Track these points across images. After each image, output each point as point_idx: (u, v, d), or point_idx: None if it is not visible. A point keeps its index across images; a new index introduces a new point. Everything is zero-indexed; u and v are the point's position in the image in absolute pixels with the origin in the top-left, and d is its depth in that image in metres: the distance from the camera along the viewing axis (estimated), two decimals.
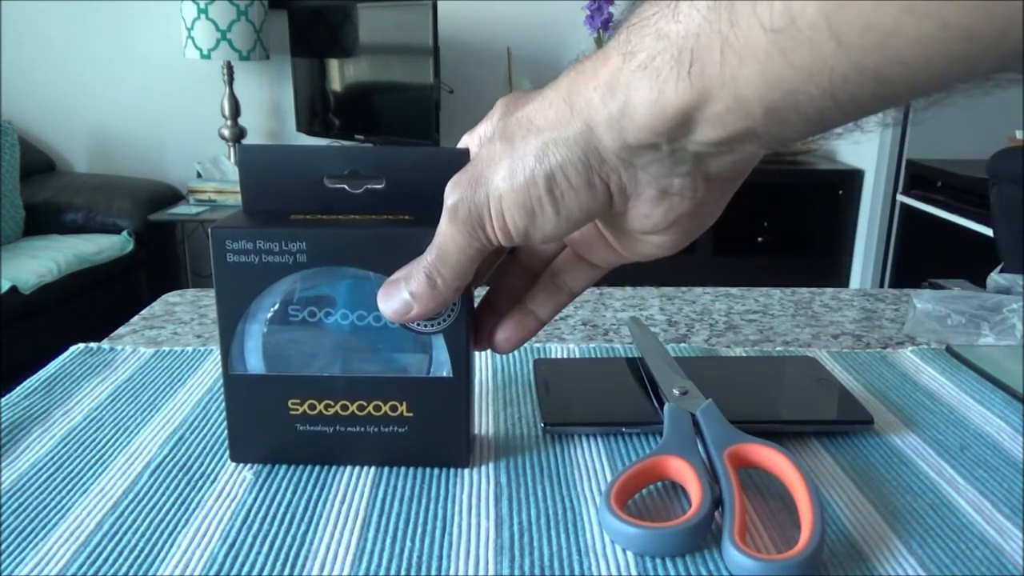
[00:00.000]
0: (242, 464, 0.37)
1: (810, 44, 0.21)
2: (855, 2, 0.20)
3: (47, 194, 2.45)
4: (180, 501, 0.34)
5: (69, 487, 0.35)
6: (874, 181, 2.41)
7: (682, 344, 0.54)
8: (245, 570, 0.30)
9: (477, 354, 0.49)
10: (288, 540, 0.32)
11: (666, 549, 0.31)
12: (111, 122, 2.78)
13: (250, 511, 0.33)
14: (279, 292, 0.34)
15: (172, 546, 0.31)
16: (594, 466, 0.37)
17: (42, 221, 2.38)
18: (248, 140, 2.68)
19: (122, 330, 0.57)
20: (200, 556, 0.31)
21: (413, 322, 0.34)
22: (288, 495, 0.35)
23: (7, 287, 1.95)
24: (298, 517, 0.33)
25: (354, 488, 0.35)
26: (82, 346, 0.51)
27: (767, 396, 0.45)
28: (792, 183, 2.56)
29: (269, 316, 0.35)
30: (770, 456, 0.35)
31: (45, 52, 2.70)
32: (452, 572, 0.30)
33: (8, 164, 2.31)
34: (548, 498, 0.35)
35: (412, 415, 0.36)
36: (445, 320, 0.35)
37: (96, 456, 0.38)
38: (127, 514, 0.33)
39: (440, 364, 0.35)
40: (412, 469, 0.37)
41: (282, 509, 0.34)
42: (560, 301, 0.36)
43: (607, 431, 0.40)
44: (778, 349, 0.54)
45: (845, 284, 2.55)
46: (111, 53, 2.71)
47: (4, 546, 0.31)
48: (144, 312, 0.61)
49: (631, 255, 0.33)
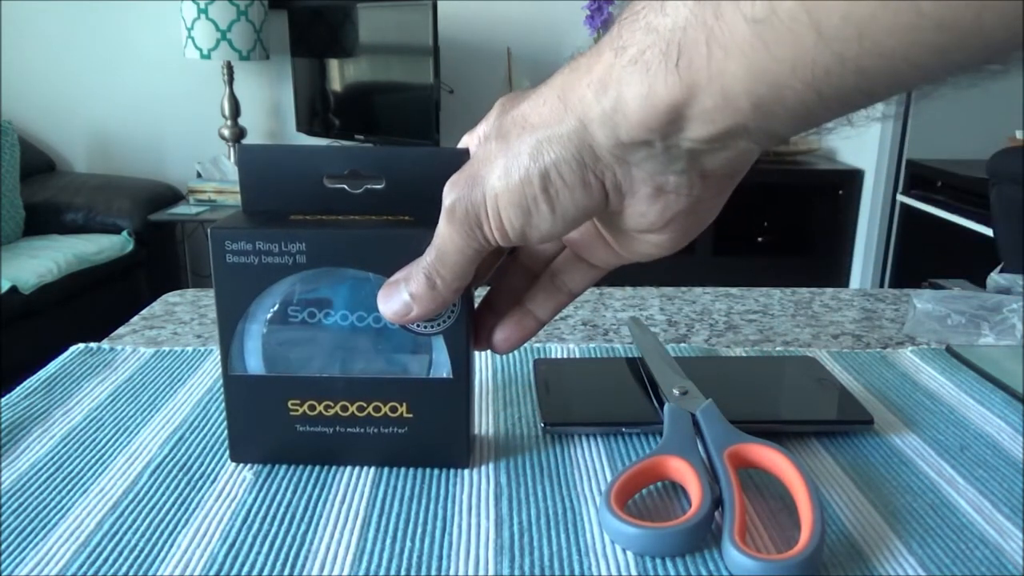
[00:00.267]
0: (242, 464, 0.37)
1: (791, 35, 0.21)
2: None
3: (47, 194, 2.45)
4: (180, 501, 0.34)
5: (69, 487, 0.35)
6: (874, 181, 2.41)
7: (682, 344, 0.54)
8: (245, 570, 0.30)
9: (477, 354, 0.49)
10: (288, 540, 0.32)
11: (666, 549, 0.31)
12: (111, 122, 2.78)
13: (250, 511, 0.33)
14: (279, 293, 0.34)
15: (172, 546, 0.31)
16: (594, 466, 0.37)
17: (42, 221, 2.38)
18: (248, 140, 2.68)
19: (122, 330, 0.57)
20: (200, 556, 0.31)
21: (413, 323, 0.34)
22: (288, 495, 0.35)
23: (7, 287, 1.95)
24: (298, 517, 0.33)
25: (354, 488, 0.35)
26: (82, 346, 0.51)
27: (767, 396, 0.45)
28: (792, 183, 2.56)
29: (269, 317, 0.35)
30: (770, 456, 0.35)
31: (45, 52, 2.70)
32: (452, 572, 0.30)
33: (8, 164, 2.31)
34: (548, 498, 0.35)
35: (412, 416, 0.36)
36: (445, 321, 0.35)
37: (96, 456, 0.38)
38: (127, 514, 0.33)
39: (440, 365, 0.35)
40: (412, 469, 0.37)
41: (282, 509, 0.34)
42: (559, 302, 0.36)
43: (607, 431, 0.40)
44: (778, 349, 0.54)
45: (845, 284, 2.55)
46: (111, 53, 2.72)
47: (4, 546, 0.31)
48: (144, 312, 0.61)
49: (630, 255, 0.32)
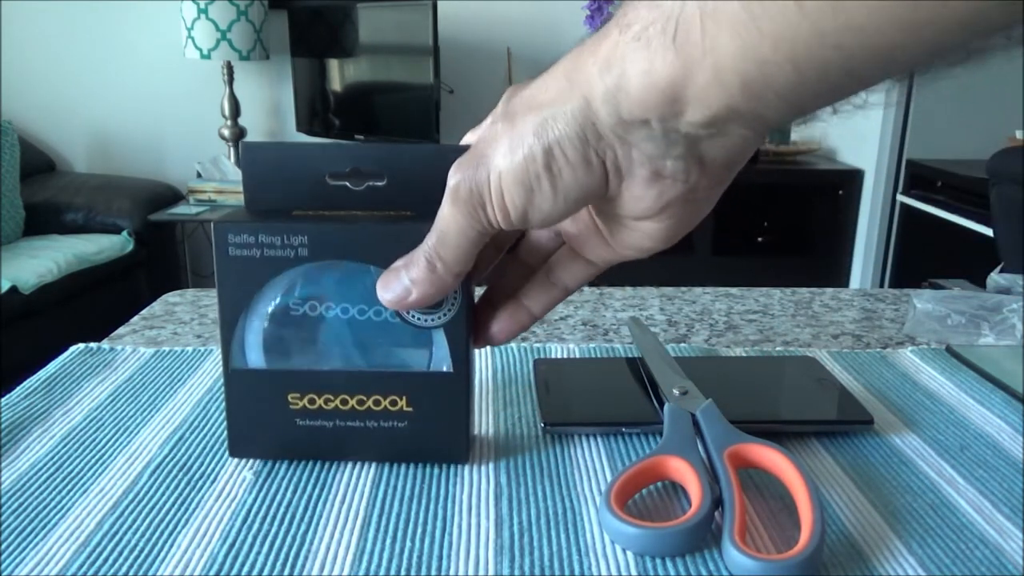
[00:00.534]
0: (242, 464, 0.37)
1: (777, 10, 0.22)
2: None
3: (47, 194, 2.46)
4: (180, 501, 0.34)
5: (69, 487, 0.35)
6: (874, 181, 2.41)
7: (682, 344, 0.54)
8: (245, 570, 0.30)
9: (477, 353, 0.49)
10: (288, 540, 0.32)
11: (666, 549, 0.31)
12: (111, 122, 2.78)
13: (250, 511, 0.33)
14: (280, 286, 0.35)
15: (172, 546, 0.31)
16: (594, 466, 0.37)
17: (42, 221, 2.38)
18: (248, 140, 2.68)
19: (122, 330, 0.57)
20: (200, 556, 0.31)
21: (411, 310, 0.34)
22: (288, 495, 0.35)
23: (7, 287, 1.95)
24: (298, 517, 0.33)
25: (354, 488, 0.35)
26: (82, 346, 0.51)
27: (767, 396, 0.45)
28: (792, 183, 2.56)
29: (270, 310, 0.35)
30: (770, 456, 0.35)
31: (45, 52, 2.70)
32: (452, 572, 0.30)
33: (8, 164, 2.31)
34: (548, 498, 0.35)
35: (412, 410, 0.36)
36: (446, 314, 0.35)
37: (96, 456, 0.38)
38: (127, 514, 0.33)
39: (440, 359, 0.35)
40: (412, 468, 0.37)
41: (282, 509, 0.34)
42: (554, 297, 0.36)
43: (607, 431, 0.40)
44: (778, 349, 0.54)
45: (845, 284, 2.56)
46: (111, 53, 2.72)
47: (4, 546, 0.31)
48: (144, 312, 0.61)
49: (625, 250, 0.33)
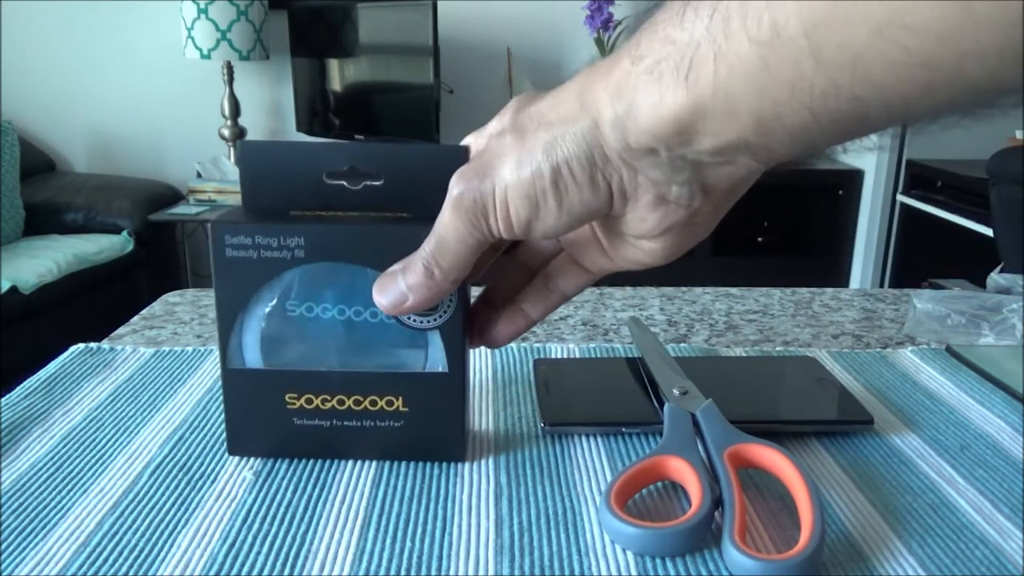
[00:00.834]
0: (242, 464, 0.37)
1: (792, 59, 0.22)
2: (831, 21, 0.21)
3: (47, 194, 2.45)
4: (180, 501, 0.34)
5: (69, 487, 0.35)
6: (874, 181, 2.41)
7: (682, 344, 0.54)
8: (245, 570, 0.30)
9: (476, 353, 0.49)
10: (288, 540, 0.32)
11: (666, 549, 0.31)
12: (111, 122, 2.78)
13: (250, 511, 0.33)
14: (277, 287, 0.35)
15: (172, 546, 0.31)
16: (594, 466, 0.37)
17: (42, 221, 2.38)
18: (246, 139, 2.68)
19: (122, 330, 0.57)
20: (200, 556, 0.31)
21: (408, 315, 0.34)
22: (288, 495, 0.35)
23: (7, 287, 1.95)
24: (298, 517, 0.33)
25: (354, 488, 0.35)
26: (82, 346, 0.51)
27: (767, 396, 0.45)
28: (792, 183, 2.56)
29: (267, 311, 0.35)
30: (770, 456, 0.35)
31: (45, 52, 2.70)
32: (452, 572, 0.30)
33: (8, 164, 2.31)
34: (548, 498, 0.35)
35: (408, 410, 0.36)
36: (441, 316, 0.35)
37: (96, 456, 0.38)
38: (127, 514, 0.33)
39: (436, 360, 0.35)
40: (412, 468, 0.37)
41: (282, 509, 0.34)
42: (551, 303, 0.37)
43: (607, 431, 0.40)
44: (778, 349, 0.54)
45: (845, 284, 2.55)
46: (111, 53, 2.72)
47: (4, 546, 0.31)
48: (144, 312, 0.61)
49: (622, 262, 0.33)
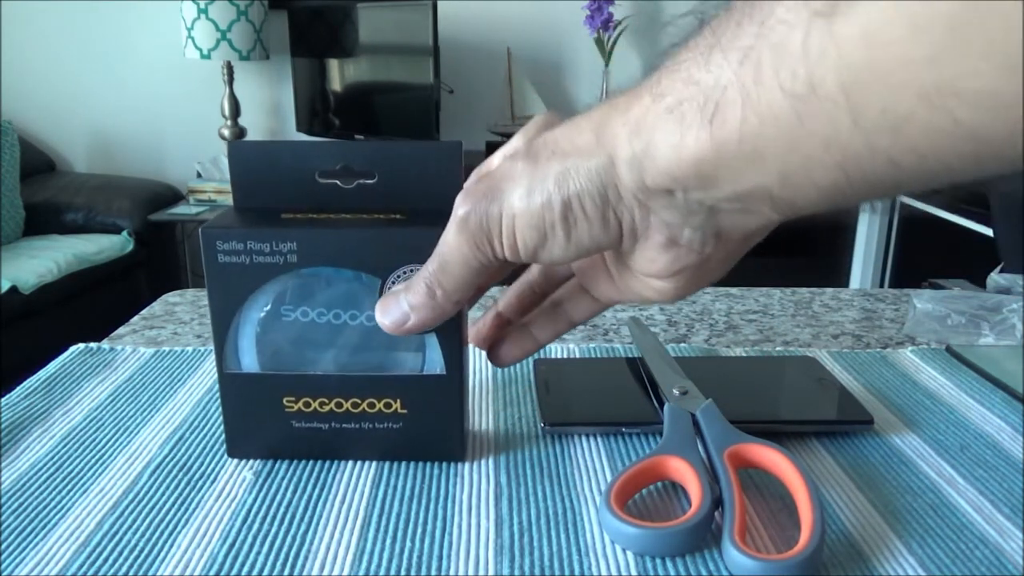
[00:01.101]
0: (242, 464, 0.37)
1: (827, 116, 0.21)
2: (873, 82, 0.20)
3: (47, 194, 2.45)
4: (180, 501, 0.34)
5: (69, 487, 0.35)
6: None
7: (682, 344, 0.54)
8: (245, 570, 0.30)
9: (476, 353, 0.49)
10: (288, 540, 0.32)
11: (666, 549, 0.31)
12: (111, 122, 2.78)
13: (250, 511, 0.33)
14: (271, 291, 0.34)
15: (172, 546, 0.31)
16: (594, 466, 0.37)
17: (42, 221, 2.38)
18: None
19: (122, 330, 0.57)
20: (200, 556, 0.31)
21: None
22: (288, 495, 0.35)
23: (7, 287, 1.95)
24: (298, 517, 0.33)
25: (354, 488, 0.35)
26: (82, 346, 0.51)
27: (767, 396, 0.45)
28: None
29: (262, 315, 0.35)
30: (770, 456, 0.35)
31: (45, 52, 2.70)
32: (452, 572, 0.30)
33: (8, 164, 2.31)
34: (548, 498, 0.35)
35: (406, 412, 0.36)
36: None
37: (96, 456, 0.38)
38: (127, 514, 0.33)
39: (433, 362, 0.35)
40: (412, 468, 0.37)
41: (282, 509, 0.34)
42: (559, 328, 0.37)
43: (607, 431, 0.40)
44: (778, 349, 0.54)
45: (845, 284, 2.55)
46: (111, 53, 2.71)
47: (4, 546, 0.31)
48: (144, 312, 0.61)
49: (630, 295, 0.33)
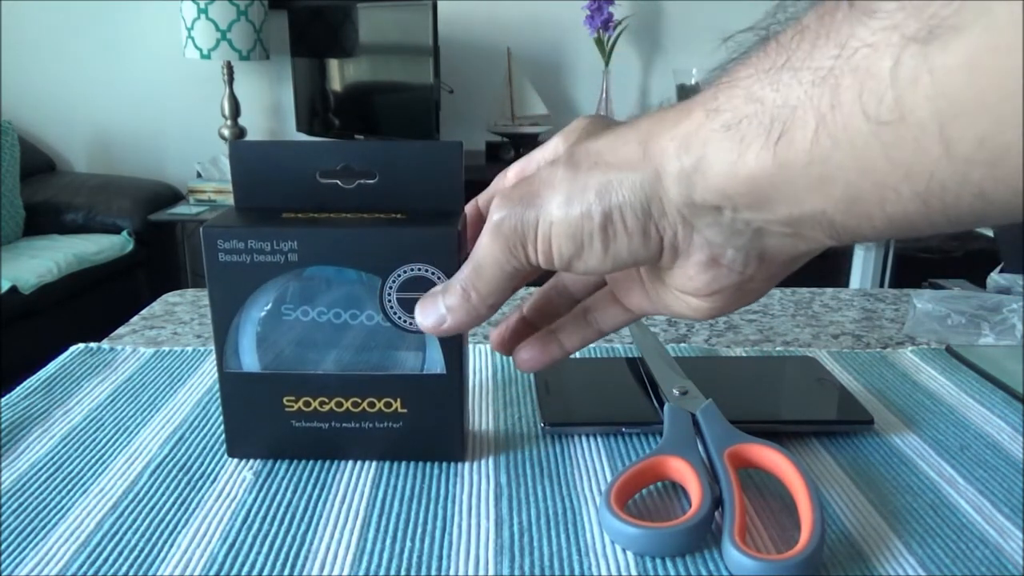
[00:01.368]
0: (242, 464, 0.37)
1: (916, 144, 0.20)
2: (974, 111, 0.18)
3: (47, 194, 2.46)
4: (180, 501, 0.34)
5: (69, 487, 0.35)
6: None
7: (682, 344, 0.54)
8: (245, 570, 0.30)
9: (476, 353, 0.49)
10: (288, 540, 0.32)
11: (666, 549, 0.31)
12: (111, 122, 2.78)
13: (250, 511, 0.33)
14: (272, 291, 0.34)
15: (172, 546, 0.31)
16: (594, 466, 0.37)
17: (42, 221, 2.38)
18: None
19: (122, 330, 0.57)
20: (200, 556, 0.31)
21: (411, 320, 0.34)
22: (288, 495, 0.35)
23: (7, 287, 1.95)
24: (298, 517, 0.33)
25: (354, 488, 0.35)
26: (82, 346, 0.51)
27: (767, 396, 0.45)
28: None
29: (262, 315, 0.35)
30: (770, 456, 0.35)
31: (45, 52, 2.70)
32: (452, 572, 0.30)
33: (8, 164, 2.31)
34: (548, 498, 0.35)
35: (406, 411, 0.36)
36: None
37: (96, 456, 0.38)
38: (127, 514, 0.33)
39: (433, 361, 0.35)
40: (412, 468, 0.37)
41: (282, 509, 0.34)
42: (587, 336, 0.36)
43: (607, 431, 0.40)
44: (778, 349, 0.54)
45: (845, 284, 2.55)
46: (111, 53, 2.71)
47: (4, 546, 0.31)
48: (144, 312, 0.61)
49: (663, 308, 0.32)
